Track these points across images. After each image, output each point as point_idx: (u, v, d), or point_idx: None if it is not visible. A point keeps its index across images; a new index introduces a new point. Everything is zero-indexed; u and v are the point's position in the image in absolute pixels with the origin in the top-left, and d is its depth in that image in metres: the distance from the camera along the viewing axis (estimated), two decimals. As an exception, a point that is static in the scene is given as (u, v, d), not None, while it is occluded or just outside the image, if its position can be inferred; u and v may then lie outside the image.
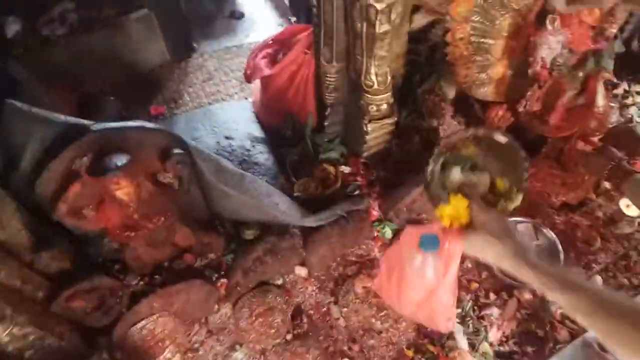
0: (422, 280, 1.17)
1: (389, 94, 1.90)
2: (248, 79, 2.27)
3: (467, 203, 1.07)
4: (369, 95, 1.87)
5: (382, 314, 1.98)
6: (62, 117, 1.43)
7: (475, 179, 1.18)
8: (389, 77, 1.86)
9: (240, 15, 3.34)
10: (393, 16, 1.58)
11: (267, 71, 2.07)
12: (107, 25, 2.45)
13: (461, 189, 1.16)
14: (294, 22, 2.65)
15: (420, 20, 1.91)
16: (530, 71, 2.01)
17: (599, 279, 2.10)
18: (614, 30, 1.84)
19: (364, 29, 1.62)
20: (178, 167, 1.58)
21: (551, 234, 2.09)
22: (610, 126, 2.20)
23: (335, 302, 2.03)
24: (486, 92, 2.22)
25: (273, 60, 2.15)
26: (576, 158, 2.08)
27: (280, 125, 2.23)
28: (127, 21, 2.53)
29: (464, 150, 1.22)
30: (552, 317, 1.95)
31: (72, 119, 1.43)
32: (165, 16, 2.71)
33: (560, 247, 2.05)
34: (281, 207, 1.78)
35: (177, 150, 1.56)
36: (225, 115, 2.54)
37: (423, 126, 2.33)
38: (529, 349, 1.94)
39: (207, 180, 1.69)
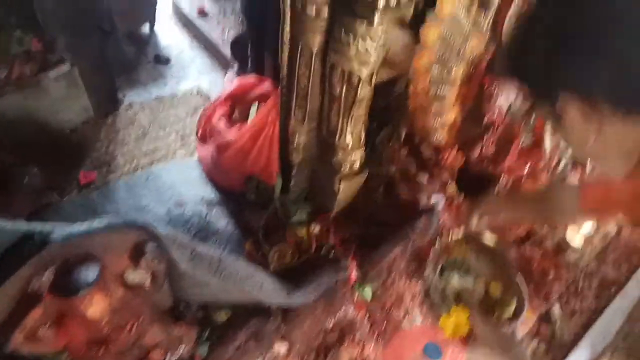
0: None
1: (362, 152, 1.84)
2: (202, 140, 2.07)
3: (468, 314, 1.19)
4: (342, 155, 1.80)
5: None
6: (9, 224, 1.16)
7: (471, 285, 1.26)
8: (363, 136, 1.80)
9: (166, 60, 3.09)
10: (374, 80, 1.52)
11: (229, 135, 1.90)
12: (20, 86, 2.10)
13: (460, 295, 1.25)
14: (236, 70, 2.50)
15: (384, 74, 1.89)
16: (486, 118, 2.08)
17: (557, 307, 2.21)
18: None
19: (344, 93, 1.54)
20: (153, 263, 1.36)
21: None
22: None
23: (319, 376, 1.89)
24: (440, 137, 2.26)
25: (229, 119, 1.99)
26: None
27: (241, 188, 2.06)
28: (46, 80, 2.19)
29: (457, 250, 1.28)
30: None
31: (23, 225, 1.17)
32: (88, 69, 2.40)
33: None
34: (266, 288, 1.61)
35: (150, 246, 1.35)
36: (170, 177, 2.30)
37: (382, 172, 2.31)
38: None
39: (182, 269, 1.48)
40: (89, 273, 1.18)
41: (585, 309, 2.16)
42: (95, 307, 1.21)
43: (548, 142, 2.17)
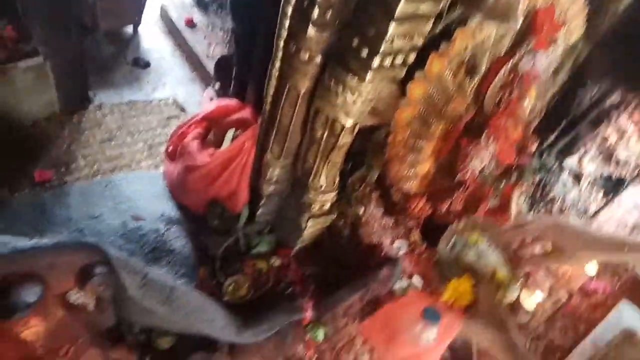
0: (416, 343, 1.21)
1: (334, 194, 1.83)
2: (171, 157, 2.00)
3: (472, 285, 1.16)
4: (314, 196, 1.77)
5: None
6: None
7: (485, 264, 1.23)
8: (337, 179, 1.78)
9: (145, 64, 3.00)
10: (357, 129, 1.52)
11: (200, 159, 1.84)
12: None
13: (469, 270, 1.22)
14: (217, 89, 2.45)
15: (366, 121, 1.89)
16: (458, 176, 2.12)
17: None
18: (533, 147, 2.04)
19: (324, 138, 1.53)
20: (99, 288, 1.28)
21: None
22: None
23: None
24: (411, 185, 2.28)
25: (203, 140, 1.93)
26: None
27: (203, 211, 1.99)
28: (14, 70, 2.07)
29: (471, 237, 1.27)
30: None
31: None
32: (61, 63, 2.29)
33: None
34: (216, 324, 1.55)
35: (99, 270, 1.26)
36: (131, 188, 2.20)
37: (349, 212, 2.30)
38: None
39: (129, 295, 1.40)
40: (30, 294, 1.09)
41: (559, 347, 2.19)
42: (31, 330, 1.11)
43: (514, 207, 2.24)
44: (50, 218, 2.04)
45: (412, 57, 1.34)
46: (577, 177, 3.24)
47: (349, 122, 1.42)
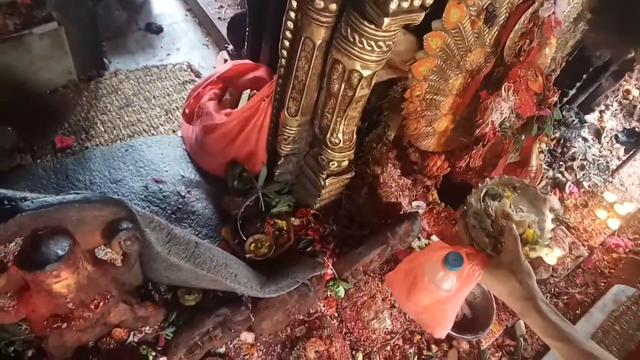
0: (436, 291, 1.22)
1: (352, 151, 1.82)
2: (188, 119, 2.00)
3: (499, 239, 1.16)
4: (331, 152, 1.77)
5: (337, 377, 1.89)
6: (-24, 189, 1.09)
7: (518, 217, 1.21)
8: (355, 136, 1.77)
9: (158, 30, 2.98)
10: (374, 81, 1.50)
11: (217, 118, 1.84)
12: (1, 40, 1.99)
13: (498, 225, 1.21)
14: (231, 51, 2.42)
15: (382, 76, 1.86)
16: (477, 131, 2.09)
17: (522, 322, 2.25)
18: (555, 98, 1.99)
19: (341, 91, 1.51)
20: (126, 244, 1.31)
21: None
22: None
23: (284, 368, 1.89)
24: (429, 143, 2.26)
25: (219, 101, 1.93)
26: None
27: (223, 173, 2.01)
28: (30, 36, 2.08)
29: (502, 192, 1.27)
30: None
31: (-9, 190, 1.10)
32: (75, 30, 2.29)
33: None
34: (240, 279, 1.58)
35: (125, 225, 1.29)
36: (151, 152, 2.23)
37: (368, 173, 2.30)
38: (469, 399, 2.01)
39: (156, 251, 1.44)
40: (59, 247, 1.12)
41: None
42: (62, 282, 1.15)
43: (535, 161, 2.20)
44: (73, 183, 2.08)
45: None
46: (598, 134, 3.17)
47: (366, 72, 1.39)
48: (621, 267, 2.52)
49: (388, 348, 2.01)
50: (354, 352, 1.97)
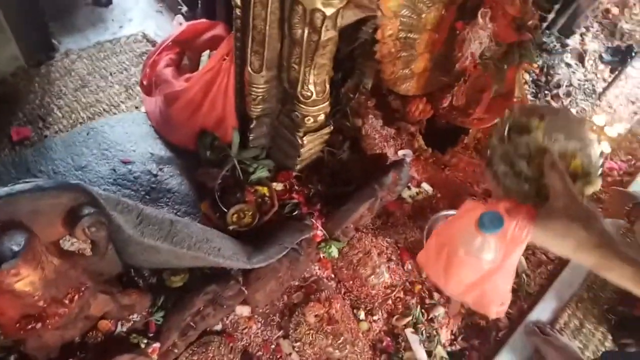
0: (478, 263, 1.00)
1: (327, 103, 1.69)
2: (147, 91, 1.85)
3: (541, 178, 0.90)
4: (305, 107, 1.64)
5: (340, 341, 1.83)
6: None
7: (557, 148, 0.92)
8: (327, 86, 1.64)
9: (107, 2, 2.77)
10: (339, 21, 1.36)
11: (177, 85, 1.69)
12: None
13: (534, 161, 0.94)
14: (185, 13, 2.24)
15: (349, 17, 1.72)
16: (457, 66, 1.97)
17: (523, 258, 2.21)
18: (534, 20, 1.86)
19: (305, 36, 1.37)
20: (91, 231, 1.20)
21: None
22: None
23: (285, 336, 1.82)
24: (408, 87, 2.15)
25: (178, 67, 1.77)
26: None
27: (194, 145, 1.88)
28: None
29: (531, 122, 0.97)
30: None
31: None
32: (15, 11, 2.09)
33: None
34: (224, 252, 1.49)
35: (87, 211, 1.18)
36: (115, 133, 2.08)
37: (348, 127, 2.19)
38: (476, 342, 1.97)
39: (127, 235, 1.33)
40: (13, 243, 1.01)
41: (551, 260, 2.17)
42: (24, 280, 1.04)
43: (519, 92, 2.10)
44: (35, 175, 1.94)
45: None
46: (581, 57, 3.07)
47: (329, 11, 1.26)
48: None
49: (389, 302, 1.96)
50: (355, 310, 1.91)
